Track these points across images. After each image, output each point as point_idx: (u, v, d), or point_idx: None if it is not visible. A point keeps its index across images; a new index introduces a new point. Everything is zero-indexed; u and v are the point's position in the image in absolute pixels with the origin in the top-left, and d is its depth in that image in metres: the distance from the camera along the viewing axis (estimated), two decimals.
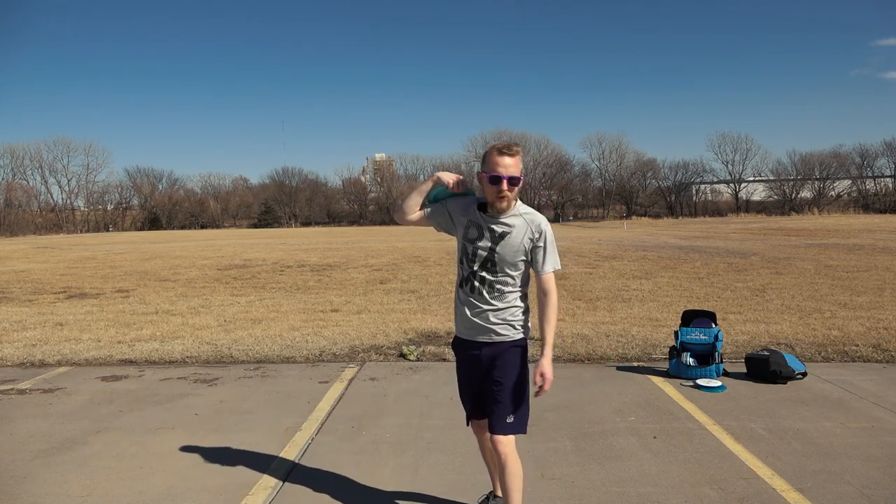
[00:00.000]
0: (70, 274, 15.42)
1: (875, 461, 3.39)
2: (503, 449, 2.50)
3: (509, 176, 2.40)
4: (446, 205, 2.61)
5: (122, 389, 5.04)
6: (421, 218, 2.63)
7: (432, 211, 2.63)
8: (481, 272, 2.51)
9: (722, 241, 23.24)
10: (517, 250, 2.48)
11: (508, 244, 2.47)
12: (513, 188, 2.43)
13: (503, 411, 2.52)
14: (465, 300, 2.57)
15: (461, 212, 2.57)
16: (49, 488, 3.22)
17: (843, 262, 13.90)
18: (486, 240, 2.48)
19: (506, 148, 2.43)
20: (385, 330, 7.15)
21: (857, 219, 46.75)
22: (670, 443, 3.71)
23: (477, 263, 2.51)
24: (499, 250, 2.47)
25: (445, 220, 2.61)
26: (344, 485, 3.24)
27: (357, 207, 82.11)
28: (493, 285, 2.51)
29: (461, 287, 2.59)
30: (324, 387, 5.00)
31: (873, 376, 5.09)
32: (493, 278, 2.50)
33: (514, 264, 2.50)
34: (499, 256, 2.47)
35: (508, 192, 2.42)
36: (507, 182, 2.40)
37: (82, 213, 74.10)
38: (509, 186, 2.42)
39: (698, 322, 5.28)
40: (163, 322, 8.04)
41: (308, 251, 22.17)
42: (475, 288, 2.53)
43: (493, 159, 2.42)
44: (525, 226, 2.49)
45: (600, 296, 9.60)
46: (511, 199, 2.47)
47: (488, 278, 2.50)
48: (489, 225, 2.49)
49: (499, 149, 2.43)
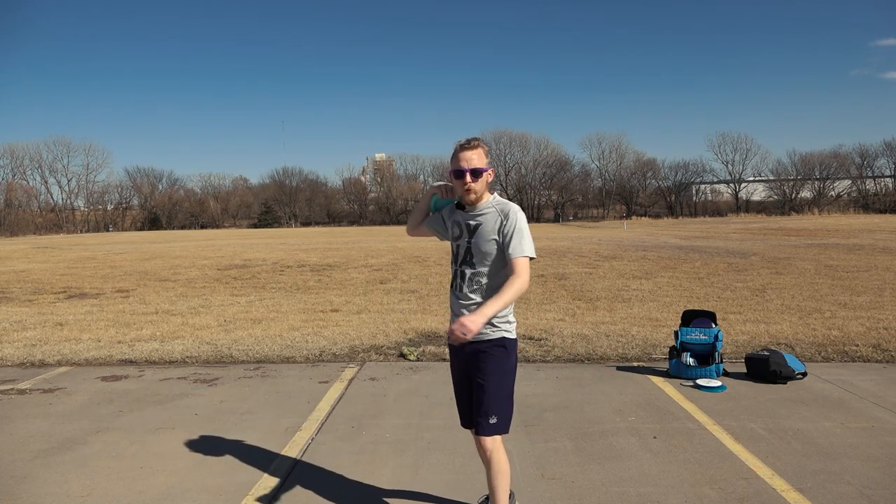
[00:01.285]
0: (70, 274, 15.42)
1: (875, 461, 3.39)
2: (487, 448, 2.53)
3: (471, 168, 2.49)
4: (442, 212, 2.77)
5: (122, 389, 5.04)
6: (425, 229, 2.85)
7: (430, 220, 2.82)
8: (462, 268, 2.59)
9: (722, 241, 23.24)
10: (488, 240, 2.52)
11: (481, 235, 2.54)
12: (476, 180, 2.51)
13: (485, 412, 2.53)
14: (453, 300, 2.66)
15: (449, 215, 2.71)
16: (49, 488, 3.22)
17: (843, 262, 13.90)
18: (465, 235, 2.58)
19: (467, 142, 2.54)
20: (385, 330, 7.16)
21: (857, 219, 46.76)
22: (670, 443, 3.71)
23: (459, 260, 2.61)
24: (473, 242, 2.55)
25: (441, 226, 2.76)
26: (344, 485, 3.24)
27: (357, 207, 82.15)
28: (472, 278, 2.56)
29: (453, 285, 2.67)
30: (324, 387, 5.00)
31: (873, 376, 5.09)
32: (472, 271, 2.56)
33: (487, 254, 2.53)
34: (474, 248, 2.54)
35: (473, 183, 2.50)
36: (469, 174, 2.49)
37: (82, 213, 74.15)
38: (473, 178, 2.50)
39: (698, 322, 5.28)
40: (163, 322, 8.04)
41: (308, 251, 22.17)
42: (457, 284, 2.62)
43: (457, 155, 2.54)
44: (495, 215, 2.54)
45: (600, 296, 9.60)
46: (477, 191, 2.54)
47: (468, 272, 2.57)
48: (466, 221, 2.59)
49: (461, 144, 2.55)
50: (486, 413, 2.53)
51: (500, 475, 2.56)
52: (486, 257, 2.54)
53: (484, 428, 2.53)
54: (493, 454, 2.53)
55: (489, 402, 2.53)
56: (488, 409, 2.53)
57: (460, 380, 2.73)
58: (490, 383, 2.54)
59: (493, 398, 2.53)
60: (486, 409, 2.53)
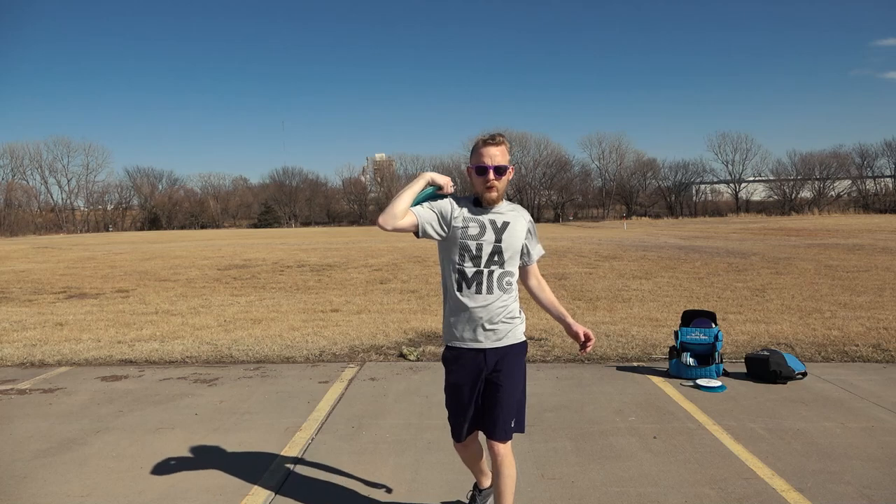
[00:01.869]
0: (70, 274, 15.42)
1: (875, 461, 3.39)
2: (502, 452, 2.45)
3: (495, 165, 2.37)
4: (433, 206, 2.43)
5: (122, 389, 5.04)
6: (408, 223, 2.37)
7: (421, 213, 2.39)
8: (490, 267, 2.42)
9: (722, 241, 23.24)
10: (519, 239, 2.48)
11: (513, 234, 2.45)
12: (500, 178, 2.39)
13: (507, 417, 2.45)
14: (472, 301, 2.41)
15: (453, 211, 2.43)
16: (49, 488, 3.22)
17: (843, 262, 13.90)
18: (491, 233, 2.42)
19: (491, 138, 2.41)
20: (385, 330, 7.16)
21: (857, 219, 46.77)
22: (670, 443, 3.71)
23: (484, 259, 2.41)
24: (504, 241, 2.43)
25: (436, 222, 2.42)
26: (344, 484, 3.24)
27: (357, 207, 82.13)
28: (502, 278, 2.44)
29: (466, 288, 2.41)
30: (324, 387, 5.00)
31: (873, 376, 5.09)
32: (502, 270, 2.44)
33: (517, 253, 2.49)
34: (505, 247, 2.43)
35: (496, 181, 2.39)
36: (493, 172, 2.37)
37: (82, 213, 74.20)
38: (496, 176, 2.38)
39: (698, 322, 5.28)
40: (163, 322, 8.04)
41: (308, 251, 22.17)
42: (483, 284, 2.40)
43: (479, 150, 2.41)
44: (519, 216, 2.51)
45: (600, 296, 9.60)
46: (500, 190, 2.42)
47: (496, 271, 2.43)
48: (490, 218, 2.44)
49: (484, 140, 2.42)
50: (508, 417, 2.45)
51: (510, 480, 2.48)
52: (516, 256, 2.49)
53: (505, 433, 2.45)
54: (505, 459, 2.45)
55: (511, 405, 2.46)
56: (509, 412, 2.46)
57: (470, 390, 2.50)
58: (514, 386, 2.48)
59: (515, 401, 2.48)
60: (509, 413, 2.46)
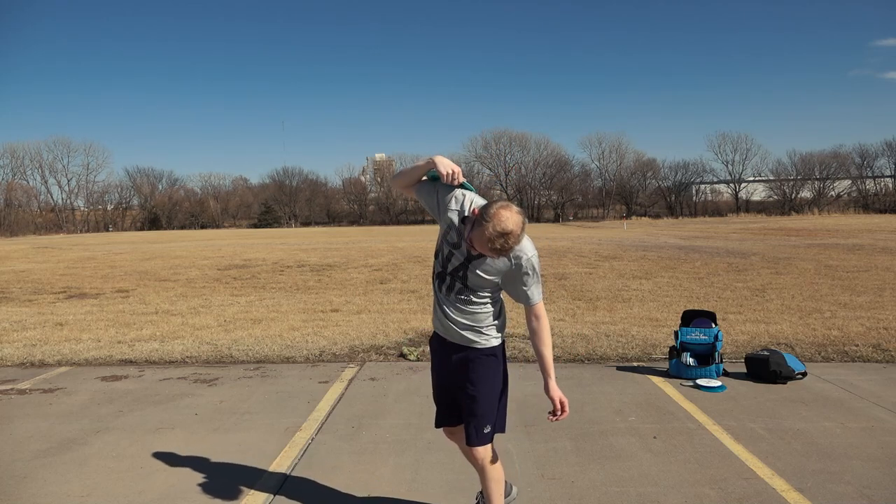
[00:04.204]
0: (70, 274, 15.42)
1: (875, 461, 3.39)
2: (479, 457, 2.43)
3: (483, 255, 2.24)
4: (437, 189, 2.39)
5: (122, 389, 5.04)
6: (413, 193, 2.47)
7: (422, 188, 2.42)
8: (453, 280, 2.38)
9: (722, 241, 23.23)
10: (488, 278, 2.32)
11: (482, 268, 2.30)
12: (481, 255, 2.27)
13: (479, 423, 2.40)
14: (439, 296, 2.45)
15: (449, 206, 2.35)
16: (49, 488, 3.22)
17: (843, 262, 13.90)
18: (463, 251, 2.31)
19: (505, 241, 2.10)
20: (385, 330, 7.16)
21: (857, 219, 46.77)
22: (670, 443, 3.71)
23: (450, 268, 2.37)
24: (471, 268, 2.31)
25: (433, 204, 2.40)
26: (344, 485, 3.24)
27: (357, 207, 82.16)
28: (462, 292, 2.38)
29: (440, 282, 2.43)
30: (324, 387, 5.00)
31: (873, 376, 5.09)
32: (462, 286, 2.36)
33: (482, 287, 2.35)
34: (470, 273, 2.33)
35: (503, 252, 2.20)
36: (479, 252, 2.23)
37: (82, 213, 74.20)
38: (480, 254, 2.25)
39: (698, 322, 5.28)
40: (163, 322, 8.04)
41: (308, 251, 22.17)
42: (444, 287, 2.41)
43: (493, 217, 2.09)
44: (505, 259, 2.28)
45: (600, 296, 9.60)
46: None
47: (457, 285, 2.37)
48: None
49: (503, 208, 2.12)
50: (480, 424, 2.40)
51: (496, 483, 2.49)
52: (481, 288, 2.35)
53: (477, 438, 2.40)
54: (485, 462, 2.44)
55: (482, 411, 2.40)
56: (482, 418, 2.40)
57: (445, 385, 2.55)
58: (482, 392, 2.40)
59: (487, 407, 2.41)
60: (480, 419, 2.40)
